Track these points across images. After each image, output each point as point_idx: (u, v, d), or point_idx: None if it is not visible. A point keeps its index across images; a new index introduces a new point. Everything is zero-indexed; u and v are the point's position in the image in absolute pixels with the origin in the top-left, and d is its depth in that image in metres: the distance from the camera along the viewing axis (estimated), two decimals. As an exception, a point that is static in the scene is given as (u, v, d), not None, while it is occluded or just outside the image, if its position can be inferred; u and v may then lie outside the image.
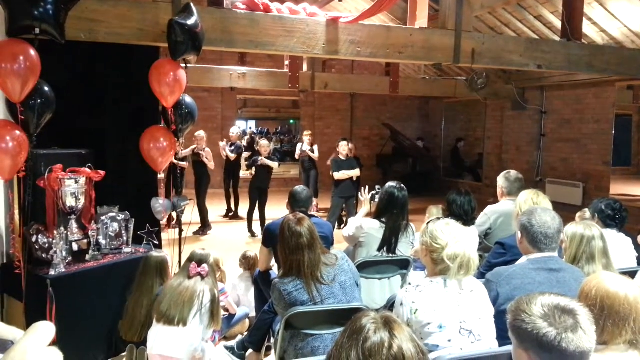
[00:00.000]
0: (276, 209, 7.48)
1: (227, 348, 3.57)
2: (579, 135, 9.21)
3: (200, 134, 7.61)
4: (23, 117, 2.89)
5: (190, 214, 5.39)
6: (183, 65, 3.68)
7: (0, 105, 3.15)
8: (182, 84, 3.63)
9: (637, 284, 1.77)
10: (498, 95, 10.20)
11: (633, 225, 4.41)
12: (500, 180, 3.95)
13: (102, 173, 3.40)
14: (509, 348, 1.58)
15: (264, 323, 3.32)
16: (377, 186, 3.95)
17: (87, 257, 3.26)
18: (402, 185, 3.60)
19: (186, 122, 3.80)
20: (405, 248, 3.53)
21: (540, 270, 2.27)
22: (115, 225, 3.47)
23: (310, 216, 3.26)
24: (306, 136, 8.73)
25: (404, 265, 3.51)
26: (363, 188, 4.02)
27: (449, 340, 1.99)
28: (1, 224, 3.27)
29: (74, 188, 3.22)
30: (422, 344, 1.29)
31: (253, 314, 4.02)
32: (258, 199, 7.32)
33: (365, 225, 3.50)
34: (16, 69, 2.78)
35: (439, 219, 2.35)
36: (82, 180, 3.27)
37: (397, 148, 12.84)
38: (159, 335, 2.69)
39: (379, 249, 3.45)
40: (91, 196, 3.41)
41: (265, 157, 7.29)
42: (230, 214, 8.82)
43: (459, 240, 2.13)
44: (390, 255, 3.46)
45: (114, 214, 3.48)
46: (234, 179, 8.55)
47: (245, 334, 3.81)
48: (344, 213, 7.77)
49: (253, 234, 7.41)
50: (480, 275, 2.68)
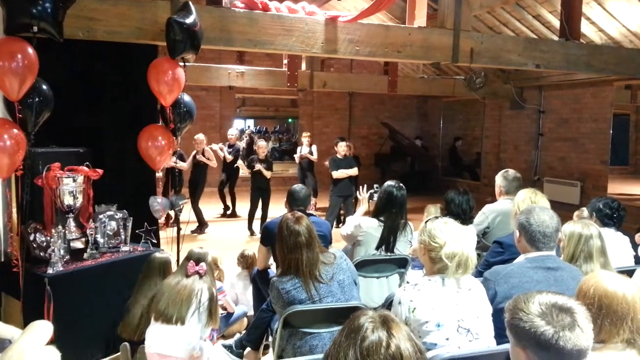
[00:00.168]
0: (274, 208, 7.48)
1: (225, 347, 3.57)
2: (576, 134, 9.23)
3: (200, 137, 7.58)
4: (21, 116, 2.89)
5: (189, 212, 5.39)
6: (182, 63, 3.68)
7: (-2, 103, 3.15)
8: (181, 82, 3.63)
9: (635, 283, 1.78)
10: (496, 94, 10.21)
11: (630, 224, 4.41)
12: (499, 179, 3.96)
13: (100, 171, 3.39)
14: (506, 346, 1.58)
15: (262, 321, 3.32)
16: (376, 185, 3.95)
17: (85, 256, 3.26)
18: (401, 184, 3.60)
19: (184, 121, 3.80)
20: (404, 247, 3.54)
21: (538, 268, 2.27)
22: (113, 223, 3.46)
23: (309, 215, 3.26)
24: (305, 138, 8.72)
25: (402, 264, 3.51)
26: (361, 187, 4.03)
27: (447, 339, 1.99)
28: (-1, 223, 3.27)
29: (71, 186, 3.21)
30: (420, 343, 1.30)
31: (251, 312, 4.02)
32: (260, 198, 7.32)
33: (363, 223, 3.50)
34: (14, 67, 2.77)
35: (437, 217, 2.35)
36: (80, 179, 3.26)
37: (396, 147, 12.85)
38: (157, 334, 2.68)
39: (377, 248, 3.46)
40: (89, 195, 3.41)
41: (262, 159, 7.31)
42: (227, 212, 8.81)
43: (457, 239, 2.13)
44: (389, 254, 3.47)
45: (112, 213, 3.47)
46: (230, 180, 8.53)
47: (244, 332, 3.81)
48: (342, 212, 7.77)
49: (252, 233, 7.41)
50: (478, 273, 2.69)
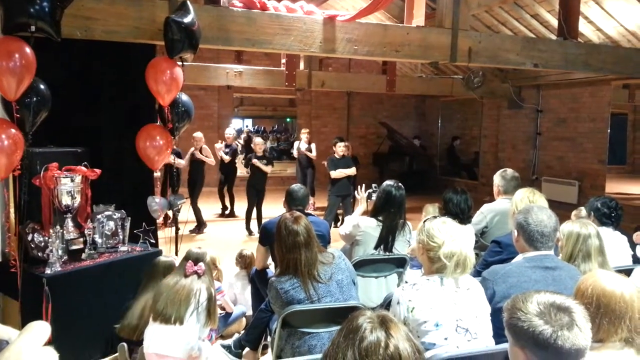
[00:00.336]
0: (273, 208, 7.48)
1: (224, 347, 3.57)
2: (574, 133, 9.24)
3: (198, 135, 7.61)
4: (18, 115, 2.88)
5: (187, 212, 5.39)
6: (180, 63, 3.67)
7: (-4, 103, 3.14)
8: (179, 82, 3.62)
9: (633, 282, 1.78)
10: (494, 93, 10.22)
11: (628, 223, 4.43)
12: (497, 179, 3.96)
13: (98, 171, 3.39)
14: (505, 346, 1.58)
15: (261, 321, 3.31)
16: (374, 184, 3.96)
17: (83, 256, 3.25)
18: (400, 184, 3.60)
19: (182, 121, 3.80)
20: (402, 246, 3.54)
21: (536, 268, 2.28)
22: (112, 223, 3.46)
23: (307, 214, 3.26)
24: (304, 134, 8.71)
25: (400, 263, 3.51)
26: (359, 186, 4.03)
27: (446, 339, 1.99)
28: (-3, 223, 3.26)
29: (69, 186, 3.20)
30: (419, 343, 1.30)
31: (250, 312, 4.02)
32: (255, 197, 7.32)
33: (362, 223, 3.50)
34: (12, 66, 2.77)
35: (435, 217, 2.35)
36: (78, 179, 3.25)
37: (394, 146, 12.85)
38: (155, 334, 2.68)
39: (376, 247, 3.46)
40: (87, 194, 3.40)
41: (260, 156, 7.32)
42: (226, 212, 8.81)
43: (456, 238, 2.13)
44: (387, 253, 3.47)
45: (110, 213, 3.47)
46: (228, 181, 8.52)
47: (242, 332, 3.81)
48: (340, 212, 7.78)
49: (250, 233, 7.40)
50: (477, 273, 2.69)
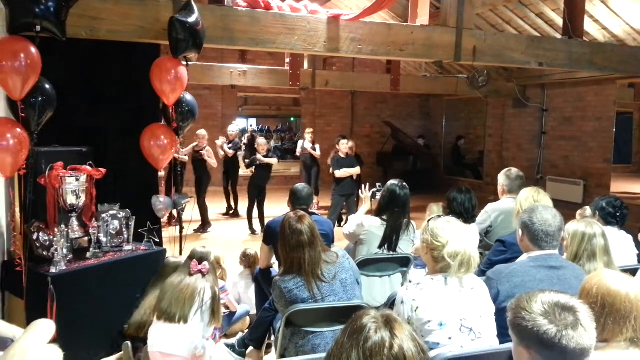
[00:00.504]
0: (277, 207, 7.48)
1: (228, 346, 3.58)
2: (579, 133, 9.20)
3: (202, 132, 7.64)
4: (24, 115, 2.89)
5: (191, 211, 5.40)
6: (184, 62, 3.68)
7: (1, 102, 3.15)
8: (183, 81, 3.63)
9: (638, 282, 1.77)
10: (499, 93, 10.18)
11: (634, 222, 4.39)
12: (501, 178, 3.95)
13: (103, 171, 3.40)
14: (509, 346, 1.58)
15: (265, 321, 3.32)
16: (378, 184, 3.95)
17: (88, 255, 3.27)
18: (404, 183, 3.59)
19: (187, 120, 3.80)
20: (406, 246, 3.53)
21: (540, 267, 2.27)
22: (116, 223, 3.47)
23: (311, 214, 3.26)
24: (308, 134, 8.72)
25: (404, 263, 3.51)
26: (363, 186, 4.02)
27: (450, 338, 1.99)
28: (2, 222, 3.27)
29: (74, 186, 3.22)
30: (423, 343, 1.29)
31: (254, 311, 4.03)
32: (257, 196, 7.32)
33: (366, 222, 3.50)
34: (17, 66, 2.77)
35: (439, 216, 2.34)
36: (83, 178, 3.27)
37: (398, 146, 12.82)
38: (159, 333, 2.68)
39: (380, 247, 3.45)
40: (92, 194, 3.41)
41: (263, 156, 7.32)
42: (230, 212, 8.82)
43: (460, 238, 2.12)
44: (391, 253, 3.46)
45: (114, 212, 3.48)
46: (232, 178, 8.53)
47: (246, 331, 3.81)
48: (344, 211, 7.77)
49: (253, 232, 7.41)
50: (481, 272, 2.68)
